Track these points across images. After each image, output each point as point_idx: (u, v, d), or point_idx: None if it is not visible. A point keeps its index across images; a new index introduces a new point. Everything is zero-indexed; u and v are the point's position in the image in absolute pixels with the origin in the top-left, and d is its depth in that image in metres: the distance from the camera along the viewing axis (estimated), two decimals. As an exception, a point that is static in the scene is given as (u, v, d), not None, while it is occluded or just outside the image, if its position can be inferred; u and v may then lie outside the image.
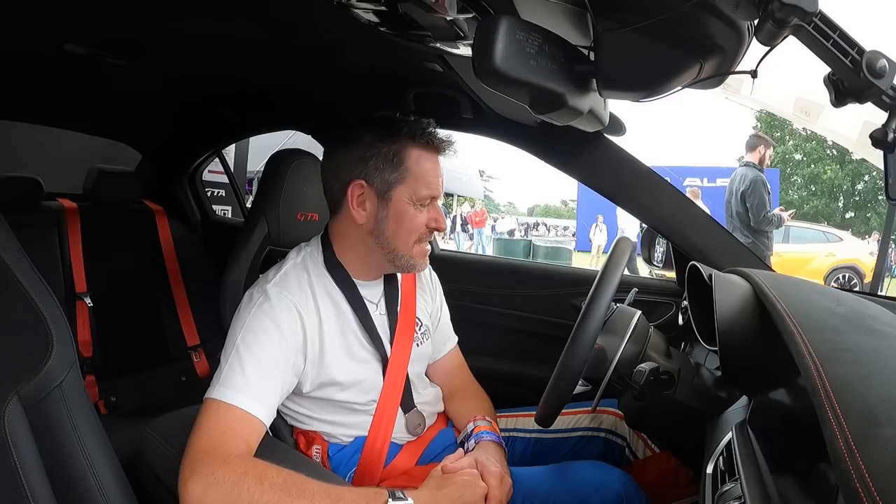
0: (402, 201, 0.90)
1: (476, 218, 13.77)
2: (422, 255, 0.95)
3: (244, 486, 0.68)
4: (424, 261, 0.96)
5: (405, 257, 0.93)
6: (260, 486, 0.68)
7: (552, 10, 0.75)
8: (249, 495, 0.67)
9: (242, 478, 0.68)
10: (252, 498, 0.67)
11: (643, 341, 0.88)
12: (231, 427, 0.75)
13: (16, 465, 0.59)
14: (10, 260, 0.67)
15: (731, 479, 0.59)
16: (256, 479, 0.68)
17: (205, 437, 0.73)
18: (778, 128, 17.67)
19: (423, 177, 0.90)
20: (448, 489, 0.79)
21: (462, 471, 0.81)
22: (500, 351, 1.46)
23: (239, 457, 0.72)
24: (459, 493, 0.78)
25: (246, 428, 0.76)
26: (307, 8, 0.92)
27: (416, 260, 0.94)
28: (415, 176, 0.89)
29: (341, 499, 0.71)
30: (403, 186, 0.89)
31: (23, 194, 1.67)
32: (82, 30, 1.10)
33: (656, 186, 1.17)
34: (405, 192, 0.90)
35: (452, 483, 0.79)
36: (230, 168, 2.54)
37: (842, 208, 18.16)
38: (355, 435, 0.94)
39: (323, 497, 0.70)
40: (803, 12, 0.53)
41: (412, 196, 0.90)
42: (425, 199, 0.91)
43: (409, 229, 0.91)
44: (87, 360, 1.65)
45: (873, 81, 0.57)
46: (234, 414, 0.76)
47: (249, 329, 0.83)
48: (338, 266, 0.94)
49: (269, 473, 0.70)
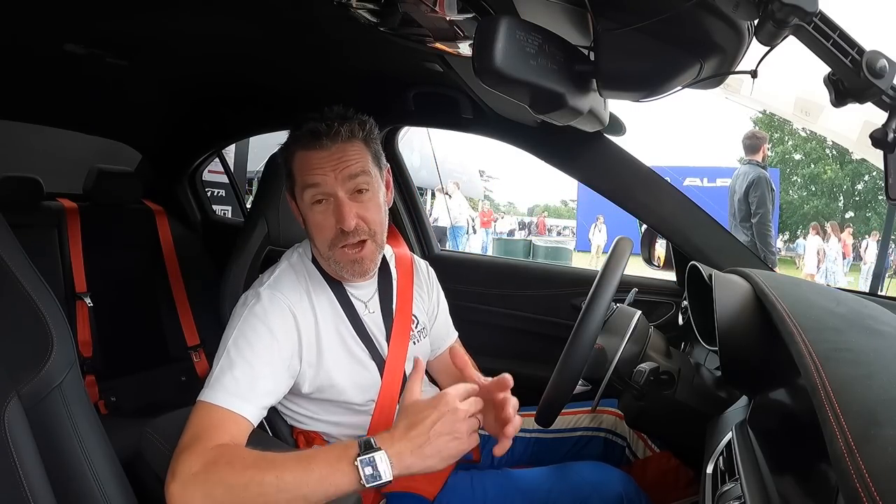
0: (303, 203, 0.89)
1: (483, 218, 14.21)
2: (347, 263, 0.88)
3: (217, 473, 0.67)
4: (353, 268, 0.89)
5: (329, 261, 0.91)
6: (231, 469, 0.67)
7: (552, 10, 0.75)
8: (223, 481, 0.66)
9: (215, 465, 0.67)
10: (226, 482, 0.66)
11: (643, 341, 0.88)
12: (214, 424, 0.74)
13: (16, 465, 0.59)
14: (10, 260, 0.67)
15: (731, 479, 0.59)
16: (228, 464, 0.68)
17: (188, 436, 0.73)
18: (778, 128, 17.67)
19: (304, 172, 0.87)
20: (422, 422, 0.68)
21: (434, 394, 0.72)
22: (500, 351, 1.46)
23: (215, 446, 0.71)
24: (436, 418, 0.68)
25: (233, 426, 0.75)
26: (307, 8, 0.92)
27: (340, 266, 0.89)
28: (299, 175, 0.88)
29: (311, 459, 0.68)
30: (297, 188, 0.89)
31: (23, 194, 1.67)
32: (82, 30, 1.10)
33: (656, 186, 1.17)
34: (299, 193, 0.89)
35: (422, 410, 0.69)
36: (230, 168, 2.54)
37: (842, 208, 18.17)
38: (355, 434, 0.94)
39: (293, 463, 0.68)
40: (803, 12, 0.53)
41: (304, 195, 0.88)
42: (316, 195, 0.86)
43: (316, 231, 0.89)
44: (87, 360, 1.65)
45: (873, 81, 0.56)
46: (220, 414, 0.75)
47: (241, 333, 0.83)
48: (321, 266, 0.95)
49: (240, 455, 0.69)
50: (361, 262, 0.89)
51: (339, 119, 0.87)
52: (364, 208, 0.87)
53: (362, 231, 0.87)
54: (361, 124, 0.89)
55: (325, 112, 0.87)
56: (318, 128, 0.85)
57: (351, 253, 0.88)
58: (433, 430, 0.68)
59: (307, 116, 0.88)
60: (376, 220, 0.89)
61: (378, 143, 0.93)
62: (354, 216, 0.86)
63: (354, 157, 0.86)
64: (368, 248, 0.89)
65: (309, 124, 0.86)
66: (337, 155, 0.86)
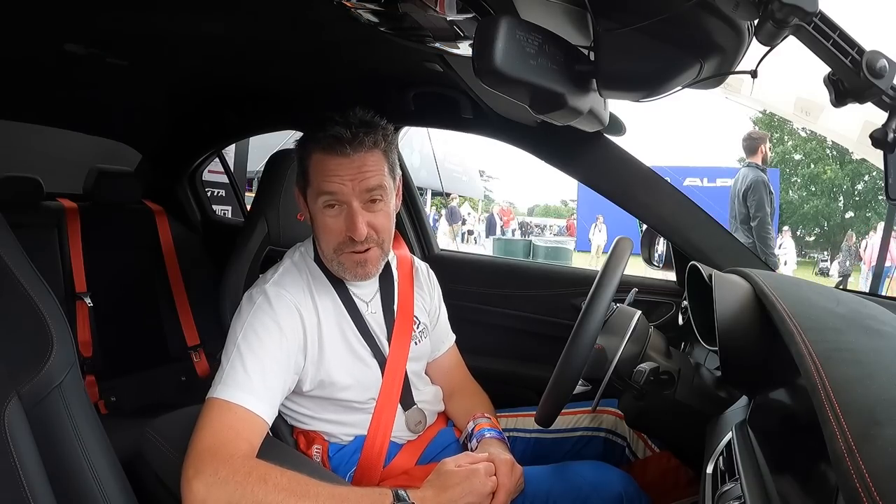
0: (314, 205, 0.89)
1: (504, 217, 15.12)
2: (352, 265, 0.90)
3: (248, 487, 0.68)
4: (356, 271, 0.91)
5: (333, 262, 0.91)
6: (264, 486, 0.68)
7: (552, 10, 0.75)
8: (253, 495, 0.67)
9: (246, 478, 0.68)
10: (256, 498, 0.67)
11: (643, 341, 0.88)
12: (233, 426, 0.75)
13: (16, 465, 0.59)
14: (10, 260, 0.67)
15: (731, 479, 0.59)
16: (261, 480, 0.69)
17: (208, 436, 0.73)
18: (778, 128, 17.66)
19: (322, 177, 0.87)
20: (452, 489, 0.77)
21: (467, 467, 0.80)
22: (500, 351, 1.46)
23: (243, 457, 0.72)
24: (464, 492, 0.77)
25: (248, 427, 0.77)
26: (307, 8, 0.92)
27: (343, 268, 0.91)
28: (315, 178, 0.88)
29: (345, 499, 0.71)
30: (310, 190, 0.89)
31: (23, 194, 1.67)
32: (82, 30, 1.10)
33: (656, 186, 1.17)
34: (312, 196, 0.89)
35: (456, 482, 0.78)
36: (230, 168, 2.54)
37: (842, 208, 18.17)
38: (355, 434, 0.94)
39: (327, 497, 0.70)
40: (803, 12, 0.53)
41: (317, 199, 0.88)
42: (329, 201, 0.87)
43: (324, 233, 0.89)
44: (87, 360, 1.65)
45: (873, 81, 0.56)
46: (237, 413, 0.76)
47: (251, 328, 0.84)
48: (324, 265, 0.95)
49: (273, 474, 0.70)
50: (365, 265, 0.90)
51: (364, 127, 0.86)
52: (375, 217, 0.88)
53: (371, 239, 0.89)
54: (385, 134, 0.89)
55: (348, 116, 0.87)
56: (342, 134, 0.84)
57: (356, 256, 0.89)
58: (462, 500, 0.77)
59: (329, 117, 0.87)
60: (386, 227, 0.90)
61: (395, 152, 0.93)
62: (366, 225, 0.87)
63: (373, 168, 0.87)
64: (374, 253, 0.91)
65: (332, 128, 0.85)
66: (357, 164, 0.85)
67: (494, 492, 0.80)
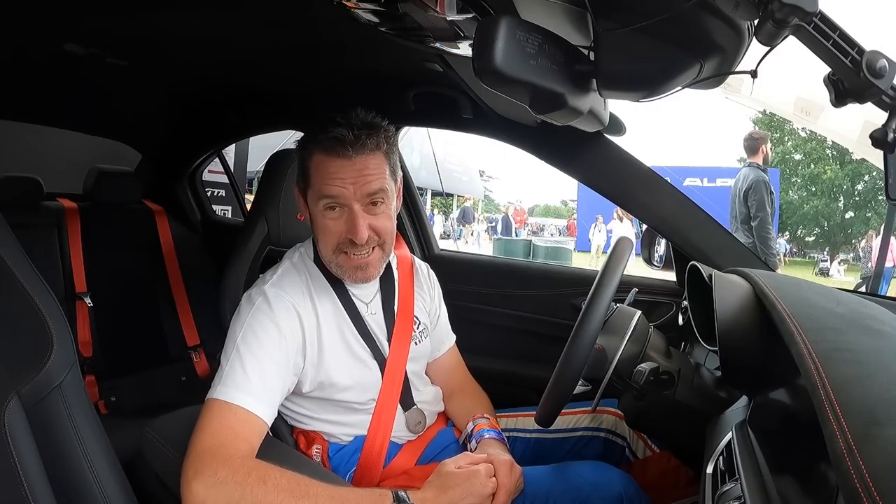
0: (314, 206, 0.89)
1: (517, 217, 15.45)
2: (351, 267, 0.90)
3: (248, 488, 0.68)
4: (356, 274, 0.90)
5: (332, 264, 0.91)
6: (264, 486, 0.68)
7: (552, 10, 0.75)
8: (253, 496, 0.67)
9: (246, 479, 0.68)
10: (255, 498, 0.67)
11: (643, 341, 0.88)
12: (233, 427, 0.75)
13: (16, 465, 0.59)
14: (10, 260, 0.67)
15: (731, 479, 0.59)
16: (260, 480, 0.69)
17: (207, 436, 0.73)
18: (778, 128, 17.66)
19: (323, 179, 0.86)
20: (453, 490, 0.77)
21: (467, 468, 0.80)
22: (500, 351, 1.46)
23: (242, 458, 0.72)
24: (464, 493, 0.77)
25: (248, 428, 0.77)
26: (307, 8, 0.92)
27: (343, 270, 0.91)
28: (316, 180, 0.87)
29: (345, 500, 0.71)
30: (311, 191, 0.89)
31: (23, 194, 1.67)
32: (82, 30, 1.10)
33: (656, 186, 1.17)
34: (313, 197, 0.89)
35: (457, 483, 0.78)
36: (230, 168, 2.54)
37: (842, 208, 18.15)
38: (355, 434, 0.94)
39: (327, 497, 0.70)
40: (803, 12, 0.53)
41: (318, 201, 0.87)
42: (330, 203, 0.86)
43: (324, 235, 0.89)
44: (87, 360, 1.65)
45: (873, 81, 0.56)
46: (236, 414, 0.76)
47: (249, 329, 0.84)
48: (323, 266, 0.95)
49: (273, 475, 0.70)
50: (366, 268, 0.90)
51: (366, 129, 0.85)
52: (376, 219, 0.88)
53: (372, 241, 0.89)
54: (387, 136, 0.88)
55: (350, 117, 0.86)
56: (344, 136, 0.84)
57: (356, 259, 0.89)
58: (462, 501, 0.77)
59: (331, 118, 0.86)
60: (387, 229, 0.90)
61: (396, 154, 0.93)
62: (367, 228, 0.86)
63: (375, 171, 0.86)
64: (375, 255, 0.91)
65: (335, 130, 0.84)
66: (359, 167, 0.85)
67: (494, 493, 0.80)
